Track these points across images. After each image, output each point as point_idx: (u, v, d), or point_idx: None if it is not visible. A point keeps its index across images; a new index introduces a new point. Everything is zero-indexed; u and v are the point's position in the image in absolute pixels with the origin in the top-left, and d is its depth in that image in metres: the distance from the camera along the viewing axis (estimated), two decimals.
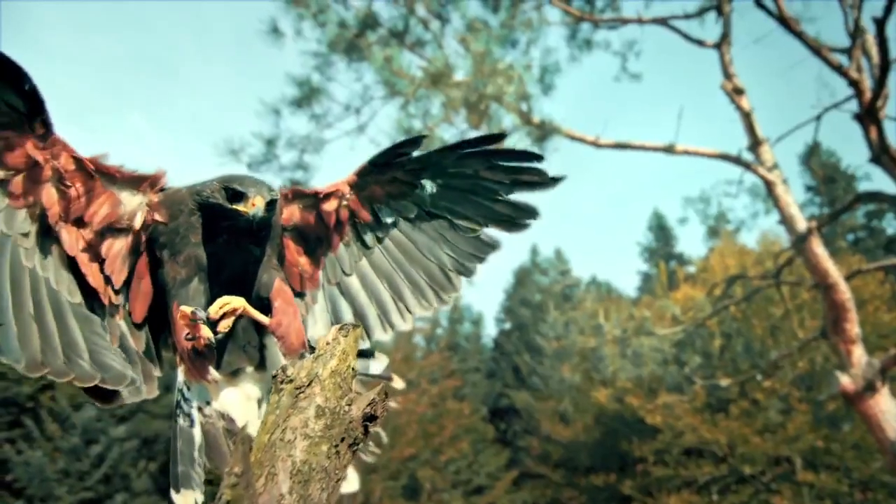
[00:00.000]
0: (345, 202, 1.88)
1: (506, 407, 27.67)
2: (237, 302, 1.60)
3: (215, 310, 1.57)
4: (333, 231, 1.90)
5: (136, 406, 17.53)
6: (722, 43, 10.23)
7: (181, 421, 1.70)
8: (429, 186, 1.89)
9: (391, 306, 1.96)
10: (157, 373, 1.73)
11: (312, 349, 1.64)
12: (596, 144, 10.33)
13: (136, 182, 1.69)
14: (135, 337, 1.69)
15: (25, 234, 1.55)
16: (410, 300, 1.96)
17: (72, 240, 1.60)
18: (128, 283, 1.70)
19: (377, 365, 1.95)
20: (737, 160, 10.03)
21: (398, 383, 1.99)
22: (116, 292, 1.67)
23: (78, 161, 1.59)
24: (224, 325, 1.59)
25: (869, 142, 8.43)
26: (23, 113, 1.49)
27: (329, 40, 10.27)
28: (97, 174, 1.63)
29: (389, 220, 1.93)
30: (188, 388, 1.71)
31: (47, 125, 1.53)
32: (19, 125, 1.51)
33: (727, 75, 10.11)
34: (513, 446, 25.61)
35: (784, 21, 8.65)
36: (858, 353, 8.40)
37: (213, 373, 1.67)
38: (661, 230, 33.71)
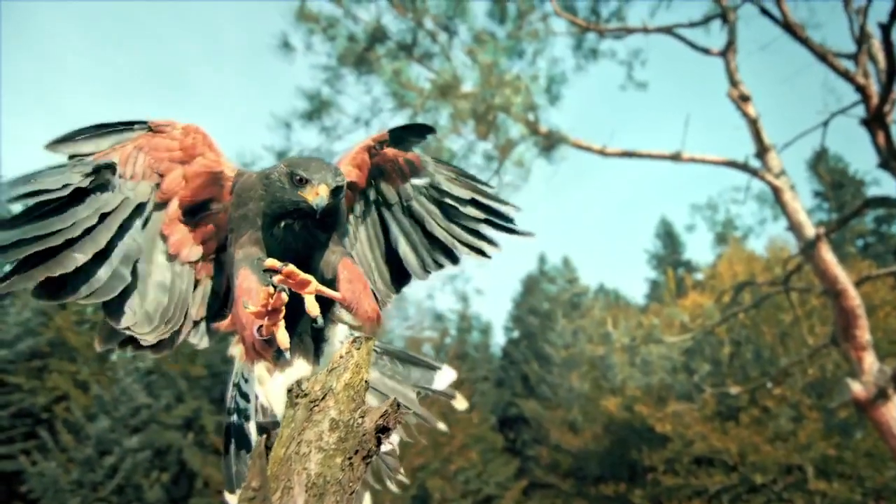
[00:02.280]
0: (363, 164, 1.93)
1: (515, 416, 27.53)
2: (307, 276, 1.54)
3: (281, 265, 1.51)
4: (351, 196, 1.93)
5: (149, 417, 17.66)
6: (727, 50, 10.26)
7: (235, 419, 1.70)
8: (418, 185, 1.95)
9: (375, 283, 1.97)
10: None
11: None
12: (603, 153, 10.38)
13: (217, 171, 1.75)
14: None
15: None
16: (385, 280, 1.98)
17: (170, 216, 1.71)
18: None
19: (442, 379, 1.94)
20: (744, 167, 10.04)
21: (460, 403, 1.98)
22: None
23: (204, 154, 1.72)
24: (311, 306, 1.51)
25: (877, 147, 8.42)
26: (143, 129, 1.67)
27: (339, 54, 10.41)
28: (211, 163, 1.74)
29: (372, 198, 1.97)
30: (245, 381, 1.71)
31: (166, 124, 1.69)
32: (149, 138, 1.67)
33: (733, 82, 10.12)
34: (522, 455, 25.45)
35: (789, 27, 8.67)
36: (869, 360, 8.35)
37: (269, 361, 1.62)
38: (668, 237, 33.60)
